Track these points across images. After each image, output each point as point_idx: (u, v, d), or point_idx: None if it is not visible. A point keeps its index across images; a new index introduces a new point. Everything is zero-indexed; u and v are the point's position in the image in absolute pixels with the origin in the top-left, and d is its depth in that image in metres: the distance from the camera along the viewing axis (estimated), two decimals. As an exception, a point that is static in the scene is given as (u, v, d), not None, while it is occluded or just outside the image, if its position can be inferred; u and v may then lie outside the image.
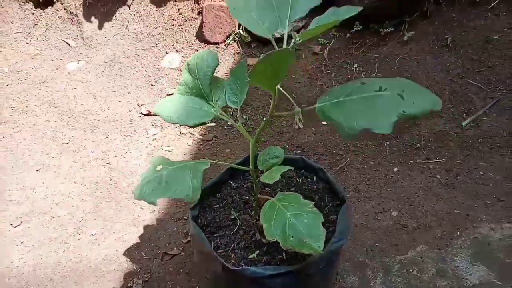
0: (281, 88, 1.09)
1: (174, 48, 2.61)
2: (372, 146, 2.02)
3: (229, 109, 1.21)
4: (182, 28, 2.64)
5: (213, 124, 2.26)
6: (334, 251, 1.23)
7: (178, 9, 2.65)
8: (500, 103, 2.06)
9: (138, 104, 2.38)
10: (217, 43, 2.55)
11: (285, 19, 1.05)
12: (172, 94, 2.43)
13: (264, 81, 0.96)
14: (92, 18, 2.77)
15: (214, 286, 1.30)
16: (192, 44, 2.58)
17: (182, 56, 2.57)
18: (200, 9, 2.59)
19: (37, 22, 2.86)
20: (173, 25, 2.66)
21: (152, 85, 2.48)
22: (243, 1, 1.04)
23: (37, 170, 2.06)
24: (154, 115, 2.32)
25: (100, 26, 2.76)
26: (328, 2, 1.03)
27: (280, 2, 1.06)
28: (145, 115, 2.32)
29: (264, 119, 2.21)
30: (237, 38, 2.53)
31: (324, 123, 2.14)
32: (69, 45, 2.76)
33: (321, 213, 1.11)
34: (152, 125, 2.27)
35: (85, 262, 1.67)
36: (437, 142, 1.98)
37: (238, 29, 2.52)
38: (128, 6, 2.73)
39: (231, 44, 2.53)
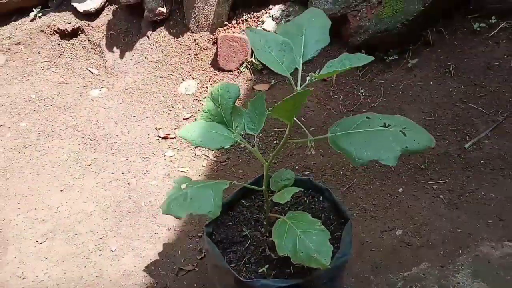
0: (296, 119, 1.21)
1: (190, 75, 2.77)
2: (378, 168, 2.11)
3: (242, 133, 1.34)
4: (198, 57, 2.80)
5: (227, 146, 2.37)
6: (339, 266, 1.32)
7: (195, 40, 2.82)
8: (501, 126, 2.14)
9: (156, 128, 2.52)
10: (230, 71, 2.70)
11: (299, 58, 1.19)
12: (189, 118, 2.58)
13: (284, 114, 1.09)
14: (114, 48, 2.96)
15: (227, 298, 1.39)
16: (207, 71, 2.74)
17: (198, 83, 2.72)
18: (215, 39, 2.76)
19: (63, 52, 3.07)
20: (189, 54, 2.82)
21: (170, 110, 2.63)
22: (265, 43, 1.19)
23: (61, 190, 2.19)
24: (171, 138, 2.46)
25: (121, 56, 2.94)
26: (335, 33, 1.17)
27: (295, 44, 1.20)
28: (162, 138, 2.46)
29: (275, 142, 2.32)
30: (249, 66, 2.68)
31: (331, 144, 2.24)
32: (92, 73, 2.94)
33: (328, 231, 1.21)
34: (169, 147, 2.40)
35: (105, 277, 1.78)
36: (441, 164, 2.06)
37: (251, 57, 2.68)
38: (147, 37, 2.92)
39: (243, 71, 2.68)
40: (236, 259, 1.39)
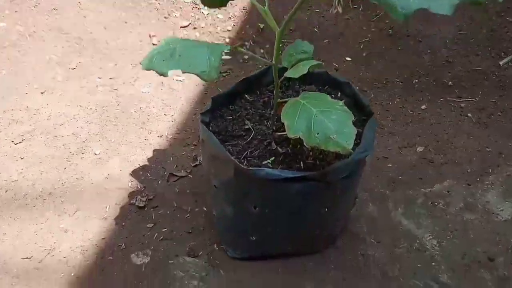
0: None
1: (190, -20, 2.46)
2: (399, 84, 1.88)
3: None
4: (200, -40, 2.48)
5: (228, 57, 2.12)
6: (359, 161, 1.11)
7: None
8: (541, 44, 1.89)
9: (149, 35, 2.26)
10: (237, -23, 2.39)
11: None
12: (187, 26, 2.31)
13: None
14: None
15: (224, 195, 1.19)
16: (210, -25, 2.43)
17: (199, -12, 2.42)
18: None
19: (49, -49, 2.73)
20: (191, -44, 2.50)
21: (166, 18, 2.35)
22: None
23: (41, 93, 1.96)
24: (166, 45, 2.19)
25: (114, -44, 2.61)
26: None
27: None
28: (156, 45, 2.20)
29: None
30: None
31: (348, 58, 1.99)
32: (81, -25, 2.62)
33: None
34: (164, 55, 2.14)
35: (86, 179, 1.58)
36: (471, 81, 1.83)
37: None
38: None
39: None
40: (236, 152, 1.17)
